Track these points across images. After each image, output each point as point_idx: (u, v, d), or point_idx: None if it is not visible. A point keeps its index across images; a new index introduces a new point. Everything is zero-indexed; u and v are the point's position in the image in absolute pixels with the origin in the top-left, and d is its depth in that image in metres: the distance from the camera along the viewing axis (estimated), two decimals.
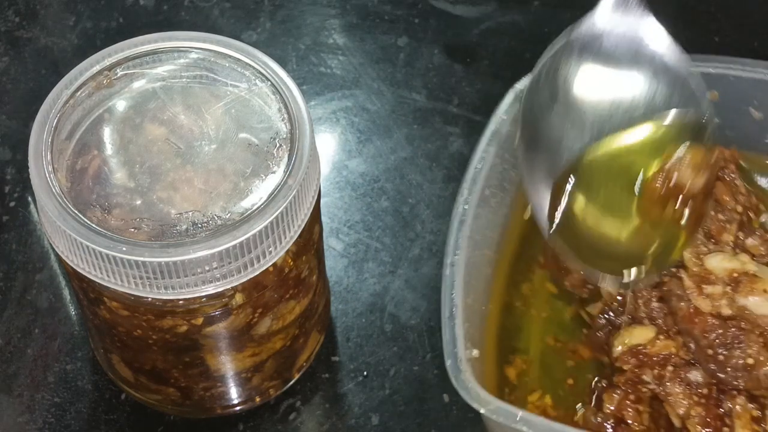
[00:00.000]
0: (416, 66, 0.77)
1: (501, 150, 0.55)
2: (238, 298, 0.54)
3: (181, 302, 0.53)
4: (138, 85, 0.56)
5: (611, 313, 0.53)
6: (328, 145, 0.74)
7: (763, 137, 0.58)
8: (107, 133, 0.54)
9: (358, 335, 0.65)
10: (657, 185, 0.50)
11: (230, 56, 0.56)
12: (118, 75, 0.56)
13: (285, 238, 0.53)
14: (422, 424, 0.62)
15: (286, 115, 0.54)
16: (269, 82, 0.55)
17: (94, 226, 0.51)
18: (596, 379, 0.53)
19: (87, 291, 0.55)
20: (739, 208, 0.55)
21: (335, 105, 0.75)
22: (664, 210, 0.51)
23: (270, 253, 0.53)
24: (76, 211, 0.51)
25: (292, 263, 0.55)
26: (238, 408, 0.62)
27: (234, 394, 0.61)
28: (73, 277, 0.55)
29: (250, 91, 0.55)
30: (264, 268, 0.53)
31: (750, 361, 0.49)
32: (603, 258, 0.53)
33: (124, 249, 0.50)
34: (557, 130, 0.53)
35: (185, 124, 0.54)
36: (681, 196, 0.50)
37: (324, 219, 0.67)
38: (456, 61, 0.77)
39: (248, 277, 0.52)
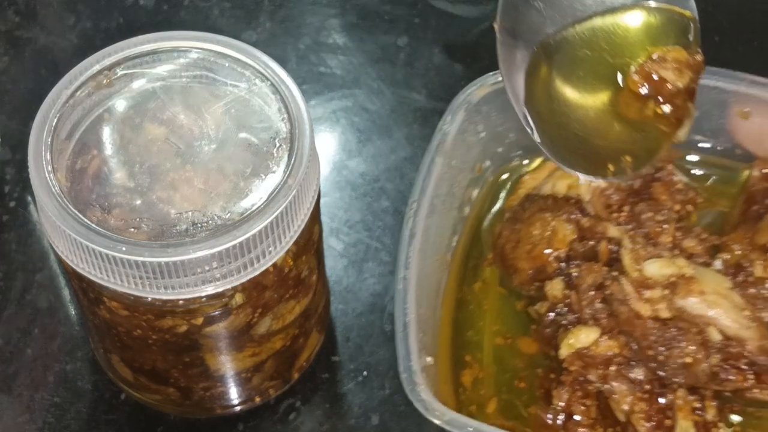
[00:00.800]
0: (416, 66, 0.77)
1: (447, 159, 0.57)
2: (238, 298, 0.54)
3: (180, 302, 0.52)
4: (138, 84, 0.56)
5: (558, 311, 0.55)
6: (328, 145, 0.74)
7: (698, 134, 0.61)
8: (107, 133, 0.54)
9: (358, 335, 0.65)
10: (638, 79, 0.52)
11: (230, 56, 0.56)
12: (118, 75, 0.56)
13: (285, 238, 0.53)
14: (422, 424, 0.62)
15: (285, 115, 0.54)
16: (269, 82, 0.55)
17: (93, 226, 0.51)
18: (547, 375, 0.55)
19: (87, 291, 0.55)
20: (677, 206, 0.57)
21: (335, 105, 0.75)
22: (645, 106, 0.52)
23: (270, 253, 0.53)
24: (76, 211, 0.51)
25: (292, 263, 0.55)
26: (238, 408, 0.62)
27: (234, 394, 0.61)
28: (73, 277, 0.55)
29: (249, 90, 0.55)
30: (264, 268, 0.53)
31: (688, 359, 0.51)
32: (583, 155, 0.54)
33: (123, 249, 0.50)
34: (536, 15, 0.54)
35: (185, 123, 0.54)
36: (662, 96, 0.52)
37: (324, 219, 0.67)
38: (456, 61, 0.77)
39: (248, 277, 0.52)
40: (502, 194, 0.62)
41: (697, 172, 0.61)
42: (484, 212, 0.61)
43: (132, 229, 0.51)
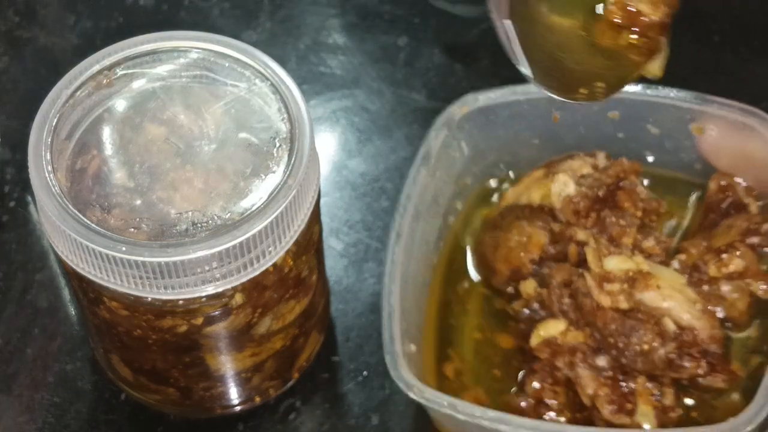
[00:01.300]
0: (416, 66, 0.77)
1: (432, 170, 0.63)
2: (238, 298, 0.54)
3: (180, 302, 0.52)
4: (138, 84, 0.56)
5: (533, 308, 0.60)
6: (328, 145, 0.74)
7: (661, 150, 0.66)
8: (107, 133, 0.54)
9: (358, 335, 0.65)
10: (614, 9, 0.55)
11: (230, 56, 0.56)
12: (118, 75, 0.56)
13: (285, 238, 0.53)
14: (422, 424, 0.62)
15: (285, 115, 0.54)
16: (269, 82, 0.55)
17: (93, 226, 0.51)
18: (521, 366, 0.60)
19: (87, 291, 0.55)
20: (639, 213, 0.62)
21: (335, 105, 0.75)
22: (620, 36, 0.56)
23: (270, 253, 0.53)
24: (76, 211, 0.51)
25: (291, 263, 0.55)
26: (238, 408, 0.62)
27: (234, 394, 0.61)
28: (73, 276, 0.55)
29: (249, 90, 0.55)
30: (264, 268, 0.53)
31: (645, 347, 0.56)
32: (558, 77, 0.58)
33: (123, 249, 0.50)
34: None
35: (185, 123, 0.54)
36: (637, 27, 0.56)
37: (324, 219, 0.67)
38: (456, 61, 0.77)
39: (248, 277, 0.52)
40: (484, 206, 0.67)
41: (658, 185, 0.66)
42: (467, 222, 0.66)
43: (132, 229, 0.51)
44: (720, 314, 0.58)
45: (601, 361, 0.57)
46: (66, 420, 0.62)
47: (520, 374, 0.60)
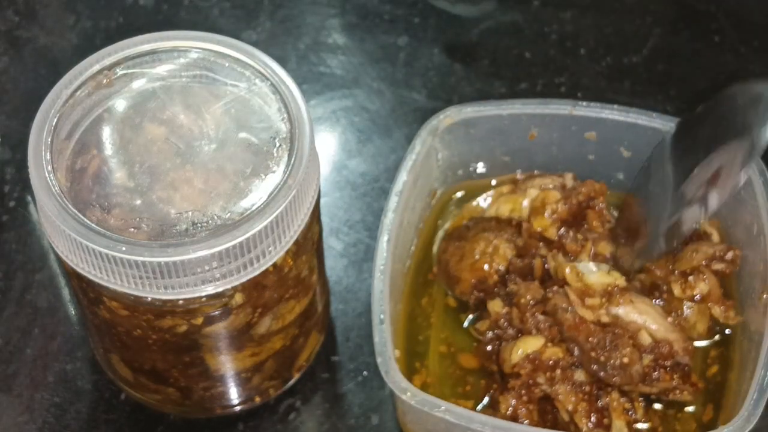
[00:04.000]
0: (416, 66, 0.77)
1: (414, 177, 0.64)
2: (238, 298, 0.54)
3: (180, 302, 0.52)
4: (137, 84, 0.56)
5: (497, 330, 0.61)
6: (328, 144, 0.74)
7: (630, 174, 0.67)
8: (107, 133, 0.54)
9: (358, 335, 0.65)
10: None
11: (230, 56, 0.56)
12: (118, 74, 0.56)
13: (285, 237, 0.53)
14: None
15: (285, 115, 0.54)
16: (269, 82, 0.55)
17: (93, 225, 0.51)
18: (490, 384, 0.61)
19: (86, 291, 0.55)
20: (600, 229, 0.64)
21: (335, 105, 0.75)
22: None
23: (270, 252, 0.52)
24: (76, 211, 0.51)
25: (291, 263, 0.55)
26: (237, 408, 0.62)
27: (234, 393, 0.61)
28: (73, 276, 0.55)
29: (249, 90, 0.55)
30: (264, 267, 0.53)
31: (625, 360, 0.58)
32: None
33: (123, 249, 0.50)
34: None
35: (185, 123, 0.54)
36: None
37: (324, 219, 0.67)
38: (456, 60, 0.77)
39: (248, 277, 0.52)
40: (449, 217, 0.68)
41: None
42: (432, 233, 0.68)
43: (132, 229, 0.51)
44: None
45: (579, 375, 0.59)
46: (66, 420, 0.62)
47: (490, 393, 0.61)
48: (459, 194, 0.68)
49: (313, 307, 0.60)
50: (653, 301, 0.61)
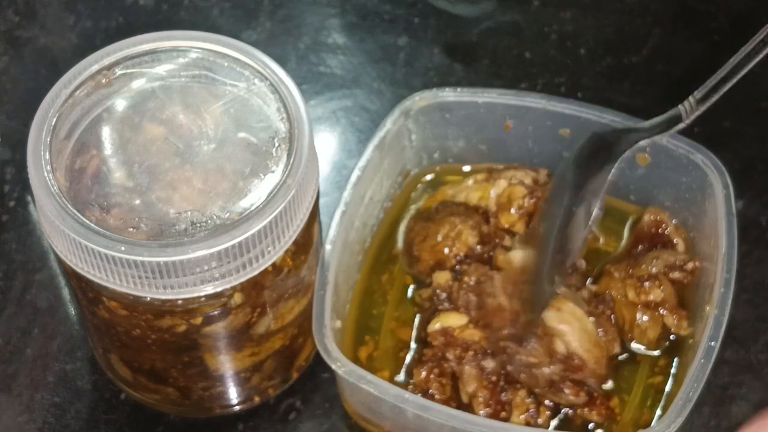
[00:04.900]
0: (416, 66, 0.77)
1: (381, 156, 0.64)
2: (237, 298, 0.54)
3: (179, 302, 0.52)
4: (137, 84, 0.56)
5: (440, 298, 0.62)
6: (327, 144, 0.74)
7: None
8: (106, 133, 0.54)
9: None
10: None
11: (229, 56, 0.56)
12: (117, 74, 0.56)
13: (284, 237, 0.53)
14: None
15: (285, 115, 0.54)
16: (268, 82, 0.55)
17: (92, 225, 0.51)
18: (411, 354, 0.62)
19: (86, 290, 0.55)
20: None
21: (335, 105, 0.75)
22: None
23: (269, 252, 0.52)
24: (75, 211, 0.51)
25: (291, 263, 0.55)
26: (237, 408, 0.62)
27: (233, 393, 0.61)
28: (72, 276, 0.55)
29: (249, 90, 0.55)
30: (263, 267, 0.53)
31: (533, 360, 0.58)
32: None
33: (122, 249, 0.50)
34: None
35: (184, 123, 0.54)
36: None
37: (323, 219, 0.67)
38: (456, 61, 0.77)
39: (247, 277, 0.52)
40: (420, 199, 0.68)
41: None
42: (402, 212, 0.68)
43: (131, 229, 0.51)
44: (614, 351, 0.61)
45: (489, 364, 0.59)
46: (66, 420, 0.62)
47: (407, 359, 0.61)
48: (433, 177, 0.69)
49: (312, 307, 0.60)
50: (598, 309, 0.61)
